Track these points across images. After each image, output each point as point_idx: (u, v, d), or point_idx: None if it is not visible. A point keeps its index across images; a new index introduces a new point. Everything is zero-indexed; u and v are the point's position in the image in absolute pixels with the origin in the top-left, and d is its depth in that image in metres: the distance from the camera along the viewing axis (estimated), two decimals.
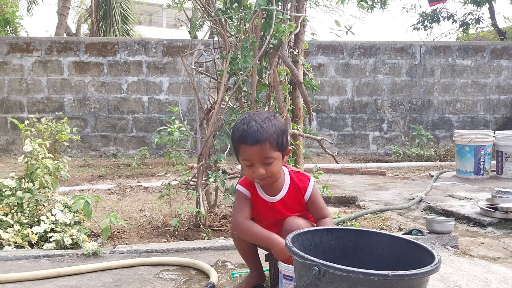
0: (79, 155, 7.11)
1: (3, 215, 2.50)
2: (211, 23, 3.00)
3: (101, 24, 11.83)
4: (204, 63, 6.06)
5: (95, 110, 7.28)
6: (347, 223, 3.02)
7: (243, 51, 2.79)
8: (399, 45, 7.57)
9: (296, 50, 3.02)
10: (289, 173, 1.78)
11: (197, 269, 2.10)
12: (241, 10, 2.85)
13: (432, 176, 5.05)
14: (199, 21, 3.36)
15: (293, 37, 3.04)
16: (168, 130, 3.52)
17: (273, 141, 1.60)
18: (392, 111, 7.63)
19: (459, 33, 10.14)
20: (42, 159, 2.74)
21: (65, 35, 11.27)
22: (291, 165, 2.61)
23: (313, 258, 1.20)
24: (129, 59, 7.26)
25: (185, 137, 4.15)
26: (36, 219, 2.58)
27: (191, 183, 2.98)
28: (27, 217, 2.60)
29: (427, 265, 1.20)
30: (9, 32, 10.82)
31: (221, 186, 2.96)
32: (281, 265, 1.58)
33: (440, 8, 10.20)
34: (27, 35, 12.19)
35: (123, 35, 11.98)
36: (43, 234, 2.49)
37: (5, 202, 2.57)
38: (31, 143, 2.72)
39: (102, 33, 11.65)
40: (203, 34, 5.93)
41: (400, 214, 3.39)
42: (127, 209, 3.50)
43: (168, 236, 2.71)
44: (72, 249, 2.38)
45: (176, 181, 3.04)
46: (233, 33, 3.01)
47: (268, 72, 2.92)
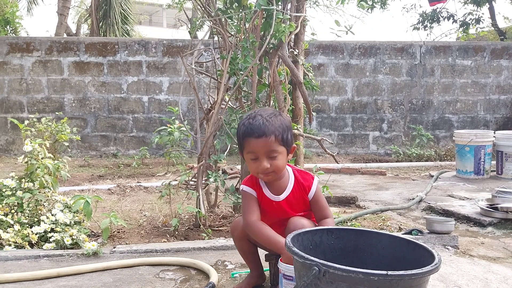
0: (79, 155, 7.11)
1: (3, 215, 2.50)
2: (211, 23, 3.00)
3: (101, 24, 11.83)
4: (204, 63, 6.06)
5: (95, 110, 7.28)
6: (347, 223, 3.02)
7: (243, 51, 2.79)
8: (399, 45, 7.57)
9: (296, 50, 3.01)
10: (293, 172, 1.79)
11: (197, 269, 2.10)
12: (241, 10, 2.85)
13: (432, 176, 5.05)
14: (199, 21, 3.36)
15: (293, 37, 3.04)
16: (168, 130, 3.53)
17: (278, 135, 1.62)
18: (392, 111, 7.63)
19: (459, 33, 10.14)
20: (42, 159, 2.74)
21: (65, 35, 11.27)
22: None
23: (313, 258, 1.20)
24: (129, 59, 7.26)
25: (185, 137, 4.16)
26: (36, 219, 2.58)
27: (191, 183, 2.98)
28: (27, 217, 2.60)
29: (427, 265, 1.20)
30: (9, 32, 10.82)
31: (221, 186, 2.96)
32: (281, 265, 1.58)
33: (440, 8, 10.20)
34: (27, 35, 12.20)
35: (123, 35, 11.98)
36: (43, 234, 2.49)
37: (5, 202, 2.57)
38: (31, 143, 2.72)
39: (102, 33, 11.65)
40: (203, 34, 5.94)
41: (400, 214, 3.39)
42: (127, 209, 3.50)
43: (168, 236, 2.71)
44: (72, 249, 2.38)
45: (176, 181, 3.04)
46: (233, 33, 3.01)
47: (268, 72, 2.92)
